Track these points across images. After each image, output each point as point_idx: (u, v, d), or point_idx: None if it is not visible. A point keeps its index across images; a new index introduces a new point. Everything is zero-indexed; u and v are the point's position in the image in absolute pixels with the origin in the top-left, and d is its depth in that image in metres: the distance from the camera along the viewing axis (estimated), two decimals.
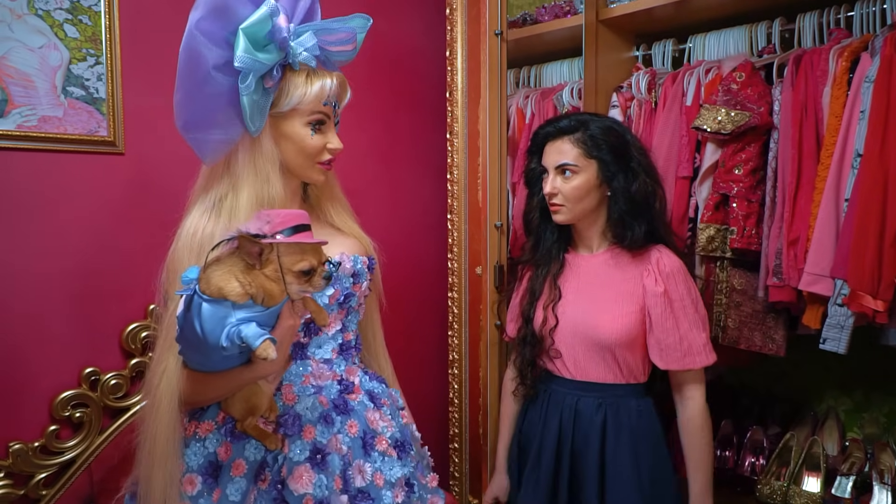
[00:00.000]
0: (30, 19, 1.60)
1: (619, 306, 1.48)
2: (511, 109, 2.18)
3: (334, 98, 1.21)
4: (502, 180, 1.90)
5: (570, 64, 2.18)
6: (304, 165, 1.21)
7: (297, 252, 1.02)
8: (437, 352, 2.37)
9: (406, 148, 2.33)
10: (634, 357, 1.50)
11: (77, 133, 1.67)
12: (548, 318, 1.55)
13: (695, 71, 1.80)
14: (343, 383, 1.24)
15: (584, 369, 1.52)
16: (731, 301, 1.72)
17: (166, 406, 1.06)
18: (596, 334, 1.48)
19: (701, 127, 1.69)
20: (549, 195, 1.52)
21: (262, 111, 1.14)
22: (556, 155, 1.50)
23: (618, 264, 1.53)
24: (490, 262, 1.89)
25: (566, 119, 1.52)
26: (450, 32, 2.14)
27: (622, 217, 1.49)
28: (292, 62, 1.15)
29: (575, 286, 1.56)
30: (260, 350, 0.95)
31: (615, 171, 1.48)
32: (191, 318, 0.98)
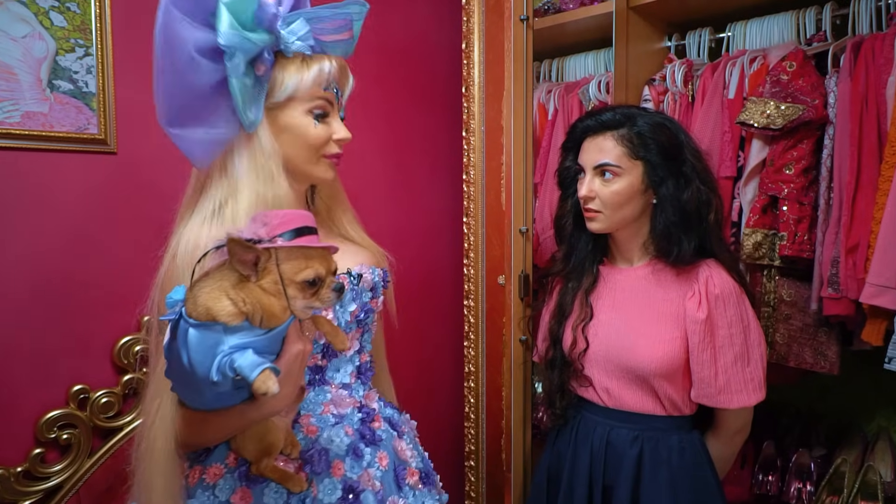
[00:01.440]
0: (12, 6, 1.46)
1: (659, 330, 1.31)
2: (533, 105, 2.03)
3: (335, 83, 1.07)
4: (528, 181, 1.75)
5: (595, 56, 2.04)
6: (309, 160, 1.07)
7: (300, 258, 0.86)
8: (452, 363, 2.24)
9: (419, 147, 2.20)
10: (676, 389, 1.32)
11: (64, 130, 1.54)
12: (577, 339, 1.38)
13: (738, 61, 1.64)
14: (364, 410, 1.11)
15: (618, 398, 1.35)
16: (779, 314, 1.56)
17: (161, 449, 0.91)
18: (631, 362, 1.31)
19: (747, 122, 1.53)
20: (585, 199, 1.33)
21: (256, 100, 1.01)
22: (596, 153, 1.32)
23: (660, 281, 1.34)
24: (514, 270, 1.74)
25: (610, 112, 1.33)
26: (466, 23, 2.00)
27: (669, 229, 1.30)
28: (284, 49, 1.02)
29: (609, 304, 1.39)
30: (258, 383, 0.78)
31: (664, 175, 1.29)
32: (177, 349, 0.82)
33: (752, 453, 1.84)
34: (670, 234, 1.30)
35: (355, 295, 1.10)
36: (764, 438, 1.83)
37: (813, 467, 1.76)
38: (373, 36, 2.07)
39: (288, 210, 0.94)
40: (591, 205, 1.33)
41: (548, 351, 1.45)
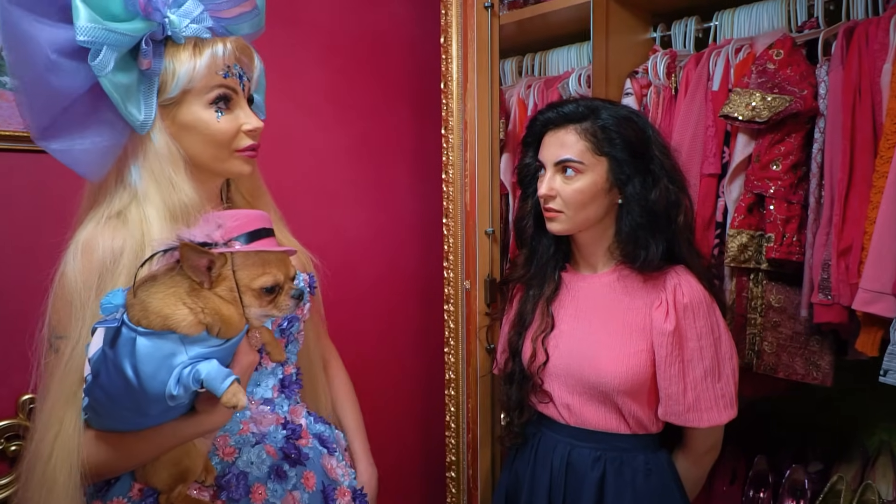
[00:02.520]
0: None
1: (624, 343, 1.21)
2: (512, 100, 1.95)
3: (237, 67, 0.96)
4: (494, 179, 1.66)
5: (579, 49, 1.94)
6: (218, 157, 0.97)
7: (257, 264, 0.80)
8: (434, 370, 2.15)
9: (396, 145, 2.12)
10: (641, 406, 1.22)
11: (13, 129, 1.47)
12: (537, 352, 1.28)
13: (723, 50, 1.54)
14: (289, 427, 1.02)
15: (579, 414, 1.25)
16: (766, 321, 1.46)
17: (63, 486, 0.80)
18: (592, 377, 1.22)
19: (731, 115, 1.43)
20: (545, 198, 1.24)
21: (143, 98, 0.90)
22: (557, 148, 1.22)
23: (626, 289, 1.25)
24: (479, 274, 1.65)
25: (573, 103, 1.24)
26: (444, 16, 1.91)
27: (635, 232, 1.21)
28: (173, 35, 0.92)
29: (572, 314, 1.29)
30: (228, 396, 0.74)
31: (630, 173, 1.20)
32: (117, 360, 0.74)
33: (743, 468, 1.73)
34: (637, 236, 1.21)
35: None
36: (755, 452, 1.73)
37: (808, 484, 1.65)
38: (346, 29, 2.00)
39: (243, 211, 0.88)
40: (551, 204, 1.23)
41: (507, 363, 1.35)
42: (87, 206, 0.96)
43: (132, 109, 0.88)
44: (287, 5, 1.84)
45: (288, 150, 1.90)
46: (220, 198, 1.06)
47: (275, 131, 1.91)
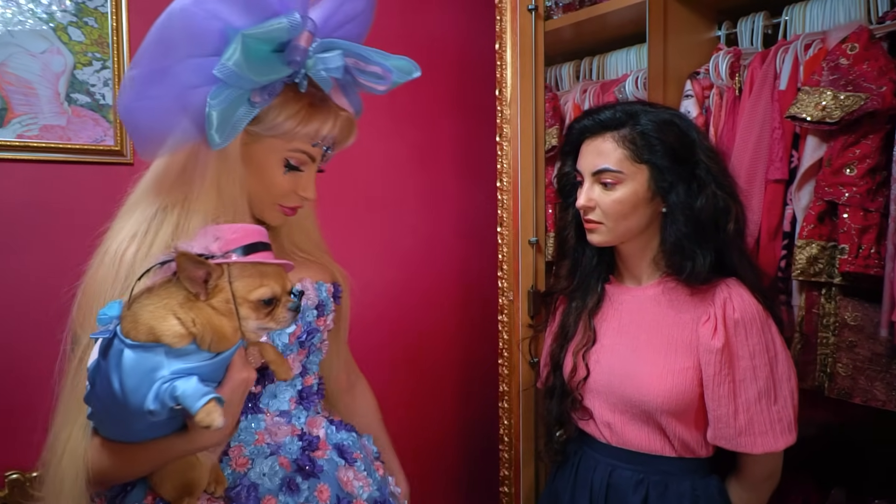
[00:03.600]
0: (32, 23, 1.51)
1: (668, 360, 1.14)
2: (567, 105, 1.89)
3: (330, 141, 0.97)
4: (539, 187, 1.60)
5: (638, 51, 1.86)
6: (262, 203, 0.97)
7: (254, 276, 0.79)
8: (489, 382, 2.11)
9: (452, 154, 2.11)
10: (688, 427, 1.15)
11: (81, 142, 1.57)
12: (577, 366, 1.23)
13: (791, 46, 1.43)
14: (305, 438, 1.00)
15: (621, 434, 1.19)
16: (841, 341, 1.33)
17: (69, 490, 0.81)
18: (634, 394, 1.15)
19: (799, 116, 1.32)
20: (584, 209, 1.18)
21: (235, 124, 0.89)
22: (594, 157, 1.16)
23: (671, 302, 1.17)
24: (523, 285, 1.59)
25: (610, 109, 1.17)
26: (499, 22, 1.88)
27: (680, 242, 1.13)
28: (300, 83, 0.91)
29: (615, 327, 1.23)
30: (201, 415, 0.71)
31: (673, 180, 1.13)
32: (106, 371, 0.75)
33: (817, 501, 1.59)
34: (682, 247, 1.13)
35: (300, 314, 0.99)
36: (832, 484, 1.58)
37: None
38: (403, 38, 2.01)
39: (241, 224, 0.86)
40: (590, 215, 1.18)
41: (548, 377, 1.30)
42: (145, 185, 0.96)
43: (217, 134, 0.87)
44: None
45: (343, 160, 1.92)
46: None
47: None
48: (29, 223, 1.54)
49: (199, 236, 0.81)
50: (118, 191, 1.60)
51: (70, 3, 1.54)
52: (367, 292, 1.71)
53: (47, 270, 1.54)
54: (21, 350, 1.53)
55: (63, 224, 1.57)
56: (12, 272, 1.53)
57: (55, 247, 1.55)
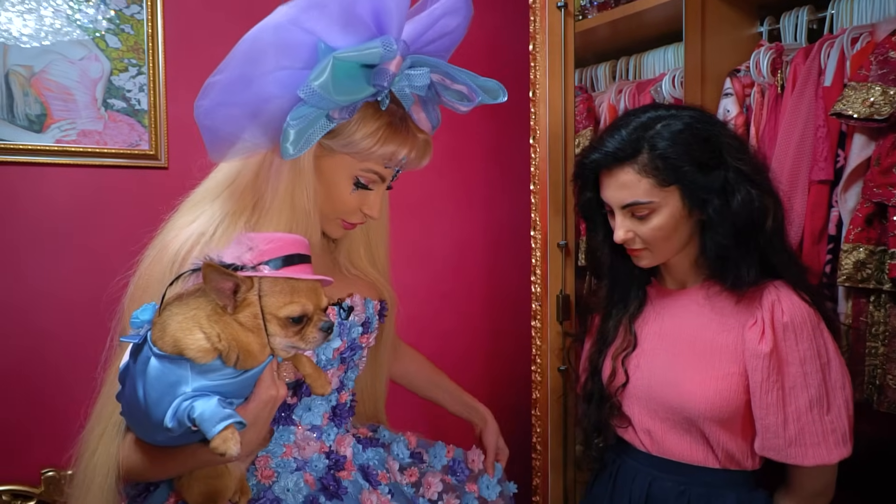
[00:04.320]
0: (71, 31, 1.55)
1: (712, 365, 1.08)
2: (602, 107, 1.85)
3: (403, 164, 0.95)
4: (567, 190, 1.56)
5: (676, 49, 1.80)
6: (325, 215, 0.95)
7: (285, 292, 0.76)
8: (521, 388, 2.08)
9: (485, 157, 2.08)
10: (733, 437, 1.08)
11: (117, 147, 1.60)
12: (616, 371, 1.18)
13: (837, 40, 1.36)
14: (332, 457, 0.98)
15: (661, 442, 1.14)
16: (891, 350, 1.25)
17: (99, 487, 0.81)
18: (675, 401, 1.10)
19: (845, 112, 1.26)
20: (624, 241, 1.11)
21: (309, 136, 0.86)
22: (617, 190, 1.08)
23: (716, 305, 1.11)
24: (551, 290, 1.55)
25: (615, 136, 1.07)
26: (533, 23, 1.85)
27: (722, 252, 1.06)
28: (381, 101, 0.88)
29: (656, 331, 1.17)
30: (217, 442, 0.68)
31: (708, 189, 1.05)
32: (133, 376, 0.74)
33: None
34: (725, 257, 1.07)
35: (342, 330, 0.98)
36: (881, 503, 1.49)
37: None
38: None
39: (279, 234, 0.83)
40: (632, 245, 1.12)
41: (586, 382, 1.25)
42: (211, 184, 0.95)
43: (291, 147, 0.85)
44: None
45: None
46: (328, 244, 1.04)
47: None
48: (67, 226, 1.57)
49: (233, 244, 0.78)
50: (153, 194, 1.64)
51: (109, 10, 1.58)
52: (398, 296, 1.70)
53: (85, 272, 1.58)
54: (60, 351, 1.56)
55: (100, 227, 1.60)
56: (52, 274, 1.57)
57: (92, 249, 1.59)
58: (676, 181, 1.05)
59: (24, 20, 1.49)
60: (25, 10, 1.49)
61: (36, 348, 1.56)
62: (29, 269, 1.57)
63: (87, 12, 1.56)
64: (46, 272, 1.57)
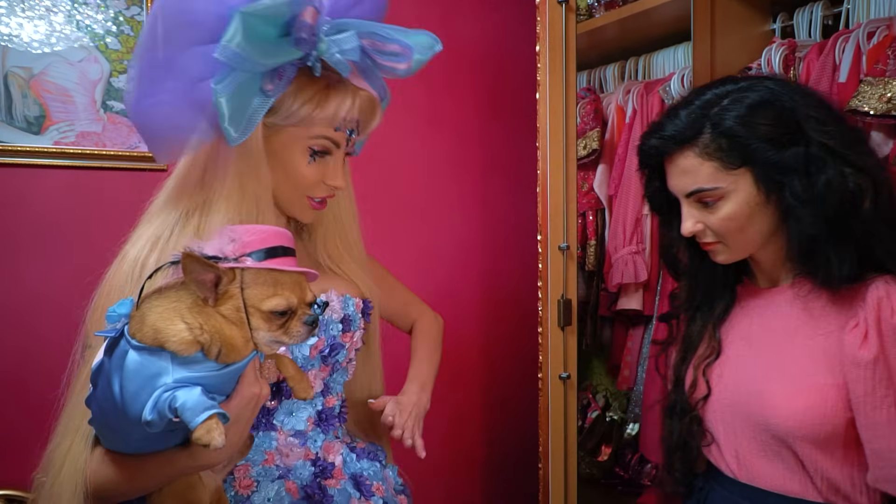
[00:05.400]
0: (71, 33, 1.54)
1: (804, 373, 0.93)
2: (610, 108, 1.81)
3: (352, 123, 0.92)
4: (569, 190, 1.52)
5: (686, 48, 1.76)
6: (289, 197, 0.92)
7: (268, 283, 0.73)
8: (526, 395, 2.03)
9: (493, 158, 2.05)
10: (835, 463, 0.91)
11: (116, 149, 1.59)
12: (697, 381, 1.04)
13: (852, 35, 1.31)
14: (319, 464, 0.94)
15: (750, 467, 0.98)
16: None
17: (67, 502, 0.76)
18: (760, 415, 0.95)
19: (860, 109, 1.21)
20: (693, 234, 0.98)
21: (250, 116, 0.84)
22: (680, 177, 0.96)
23: (809, 305, 0.96)
24: (552, 294, 1.51)
25: (674, 118, 0.96)
26: (540, 23, 1.82)
27: (808, 244, 0.92)
28: (312, 66, 0.86)
29: (743, 336, 1.03)
30: (200, 432, 0.65)
31: (785, 169, 0.90)
32: (108, 372, 0.71)
33: None
34: (811, 250, 0.92)
35: (320, 327, 0.93)
36: None
37: None
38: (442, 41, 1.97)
39: (262, 226, 0.81)
40: (703, 238, 0.99)
41: (669, 394, 1.12)
42: (167, 191, 0.93)
43: (231, 127, 0.83)
44: None
45: (379, 163, 1.89)
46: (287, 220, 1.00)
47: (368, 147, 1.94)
48: (65, 228, 1.56)
49: (215, 236, 0.75)
50: (152, 196, 1.62)
51: (109, 12, 1.57)
52: None
53: (83, 275, 1.56)
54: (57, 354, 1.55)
55: (98, 229, 1.58)
56: (50, 277, 1.56)
57: (91, 251, 1.57)
58: (745, 162, 0.92)
59: (35, 25, 1.49)
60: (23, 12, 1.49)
61: (32, 351, 1.54)
62: (27, 272, 1.55)
63: (86, 13, 1.55)
64: (45, 274, 1.56)
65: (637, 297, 1.77)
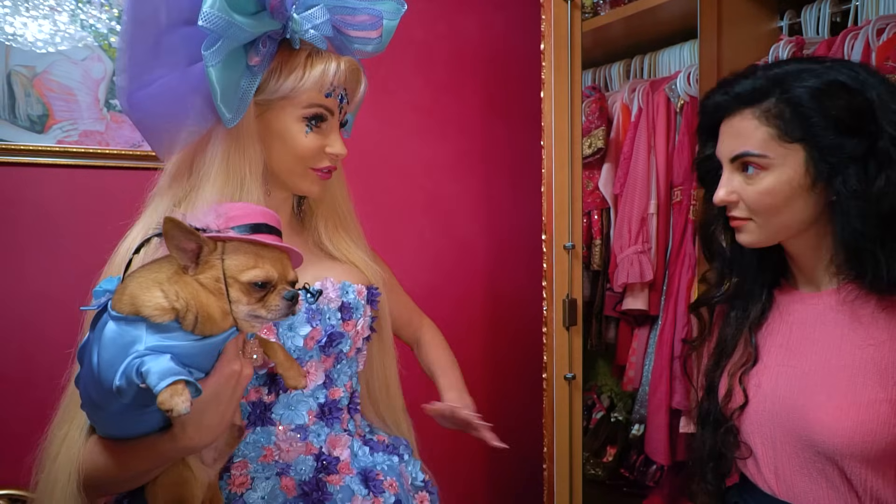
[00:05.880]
0: (75, 32, 1.54)
1: (854, 388, 0.88)
2: (615, 106, 1.80)
3: (341, 89, 0.93)
4: (574, 189, 1.51)
5: (692, 46, 1.75)
6: (293, 171, 0.93)
7: (249, 254, 0.73)
8: (530, 396, 2.02)
9: (499, 158, 2.04)
10: (885, 482, 0.86)
11: (119, 147, 1.58)
12: (733, 390, 0.99)
13: (861, 32, 1.30)
14: (323, 459, 0.92)
15: (790, 485, 0.92)
16: None
17: (62, 490, 0.76)
18: (804, 431, 0.90)
19: None
20: (724, 203, 0.93)
21: (241, 95, 0.86)
22: (731, 140, 0.91)
23: (859, 313, 0.90)
24: (557, 294, 1.50)
25: (749, 77, 0.90)
26: (544, 22, 1.81)
27: (855, 241, 0.87)
28: (291, 38, 0.88)
29: (782, 343, 0.98)
30: (164, 396, 0.64)
31: (839, 161, 0.86)
32: (90, 348, 0.71)
33: None
34: (859, 247, 0.87)
35: (311, 316, 0.92)
36: None
37: None
38: (448, 40, 1.96)
39: (250, 203, 0.82)
40: (734, 211, 0.93)
41: (702, 401, 1.06)
42: (162, 184, 0.94)
43: (224, 106, 0.85)
44: None
45: (383, 162, 1.88)
46: (289, 210, 1.01)
47: (371, 147, 1.93)
48: (68, 228, 1.56)
49: (202, 212, 0.75)
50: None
51: (112, 10, 1.56)
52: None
53: (86, 274, 1.56)
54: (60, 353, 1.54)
55: (101, 228, 1.58)
56: (53, 275, 1.55)
57: (94, 250, 1.57)
58: (803, 137, 0.86)
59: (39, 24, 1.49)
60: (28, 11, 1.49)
61: (35, 350, 1.54)
62: (30, 271, 1.55)
63: (90, 13, 1.55)
64: (47, 273, 1.55)
65: (643, 297, 1.76)
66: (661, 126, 1.71)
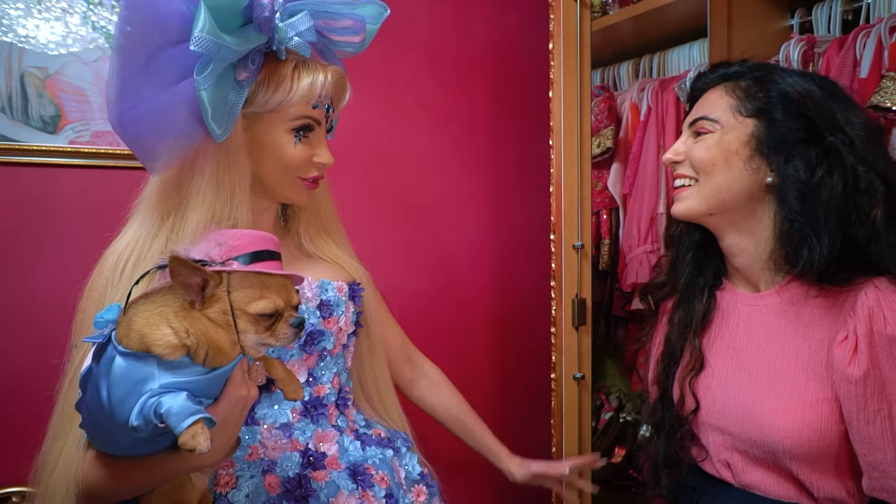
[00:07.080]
0: (86, 34, 1.55)
1: (797, 389, 0.91)
2: (624, 106, 1.80)
3: (327, 99, 0.94)
4: (584, 188, 1.50)
5: (702, 45, 1.74)
6: (281, 181, 0.94)
7: (255, 286, 0.74)
8: (541, 396, 2.02)
9: (507, 157, 2.03)
10: (830, 478, 0.91)
11: (120, 148, 1.59)
12: (685, 396, 1.02)
13: (873, 30, 1.29)
14: (309, 455, 0.92)
15: (743, 476, 0.98)
16: None
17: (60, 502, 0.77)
18: (754, 433, 0.93)
19: (882, 105, 1.19)
20: (670, 163, 0.98)
21: (230, 110, 0.87)
22: (697, 108, 0.97)
23: (799, 314, 0.93)
24: (566, 293, 1.49)
25: (743, 64, 0.98)
26: (553, 21, 1.81)
27: (791, 225, 0.89)
28: (277, 49, 0.89)
29: (727, 345, 1.00)
30: (185, 437, 0.66)
31: (789, 143, 0.89)
32: (97, 378, 0.72)
33: None
34: (793, 232, 0.89)
35: None
36: None
37: None
38: (455, 39, 1.96)
39: (248, 230, 0.82)
40: (679, 169, 0.98)
41: (655, 409, 1.08)
42: (146, 194, 0.95)
43: (214, 123, 0.86)
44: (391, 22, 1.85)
45: (386, 162, 1.89)
46: (273, 218, 1.02)
47: (379, 146, 1.94)
48: (80, 228, 1.57)
49: (202, 241, 0.77)
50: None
51: None
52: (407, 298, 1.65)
53: None
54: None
55: (112, 228, 1.59)
56: (64, 276, 1.56)
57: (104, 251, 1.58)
58: (757, 113, 0.91)
59: (52, 26, 1.51)
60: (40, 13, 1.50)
61: (46, 351, 1.54)
62: (43, 270, 1.56)
63: (102, 15, 1.56)
64: (59, 274, 1.56)
65: None
66: (670, 125, 1.71)
